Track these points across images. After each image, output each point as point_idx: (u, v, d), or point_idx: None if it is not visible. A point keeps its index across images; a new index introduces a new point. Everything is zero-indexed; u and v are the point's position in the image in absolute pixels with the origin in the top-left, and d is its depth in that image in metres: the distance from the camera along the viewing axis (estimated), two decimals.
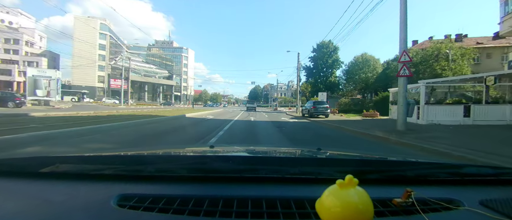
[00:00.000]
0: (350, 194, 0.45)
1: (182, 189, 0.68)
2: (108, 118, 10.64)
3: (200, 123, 11.13)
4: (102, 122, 8.45)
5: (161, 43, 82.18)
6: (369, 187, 0.51)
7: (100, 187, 0.68)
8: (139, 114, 14.33)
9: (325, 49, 33.36)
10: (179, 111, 19.14)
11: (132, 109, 21.47)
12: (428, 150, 4.69)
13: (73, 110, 16.35)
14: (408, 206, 0.58)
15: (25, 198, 0.63)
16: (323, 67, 34.38)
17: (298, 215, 0.55)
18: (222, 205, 0.59)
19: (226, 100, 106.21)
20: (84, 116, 11.93)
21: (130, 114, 13.65)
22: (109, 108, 21.34)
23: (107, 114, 13.33)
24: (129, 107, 28.56)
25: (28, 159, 0.85)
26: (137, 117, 11.59)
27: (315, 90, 33.24)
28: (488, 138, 6.52)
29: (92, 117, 11.13)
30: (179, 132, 7.71)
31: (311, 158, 1.11)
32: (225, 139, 6.14)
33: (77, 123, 7.79)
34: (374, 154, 1.27)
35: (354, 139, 6.85)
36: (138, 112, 16.52)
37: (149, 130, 7.67)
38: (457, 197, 0.65)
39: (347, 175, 0.45)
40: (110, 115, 12.62)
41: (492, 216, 0.56)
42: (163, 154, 1.14)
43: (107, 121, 8.96)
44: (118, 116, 12.01)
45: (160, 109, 24.53)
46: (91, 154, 0.94)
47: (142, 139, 5.83)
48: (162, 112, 16.34)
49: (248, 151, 1.49)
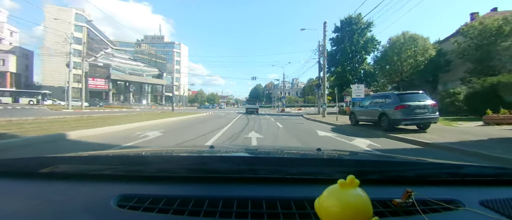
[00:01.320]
0: (349, 194, 0.44)
1: (182, 189, 0.68)
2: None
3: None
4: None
5: (151, 38, 73.23)
6: (369, 187, 0.51)
7: (100, 187, 0.68)
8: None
9: (355, 26, 24.02)
10: (123, 119, 10.17)
11: (54, 116, 12.44)
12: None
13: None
14: (408, 207, 0.57)
15: (24, 198, 0.62)
16: (353, 51, 24.70)
17: (298, 216, 0.55)
18: (222, 206, 0.58)
19: (224, 101, 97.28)
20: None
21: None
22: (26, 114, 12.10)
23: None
24: (77, 111, 19.72)
25: (28, 160, 0.84)
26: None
27: (341, 83, 24.09)
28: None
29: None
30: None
31: (311, 158, 1.11)
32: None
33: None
34: (374, 154, 1.05)
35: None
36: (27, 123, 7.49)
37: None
38: (457, 197, 0.64)
39: (348, 175, 0.45)
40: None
41: (492, 216, 0.56)
42: (163, 154, 1.15)
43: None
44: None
45: (112, 114, 15.53)
46: (90, 155, 0.96)
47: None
48: (66, 125, 7.43)
49: (248, 151, 1.48)
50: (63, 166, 0.80)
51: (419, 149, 5.13)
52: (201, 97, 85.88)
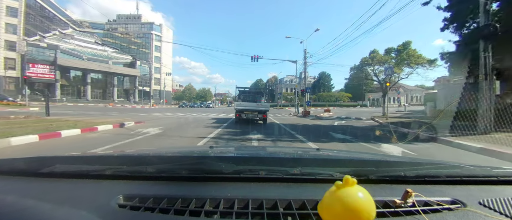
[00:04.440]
0: (351, 195, 0.44)
1: (183, 189, 0.68)
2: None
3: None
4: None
5: (125, 18, 58.06)
6: (369, 187, 0.51)
7: (101, 187, 0.68)
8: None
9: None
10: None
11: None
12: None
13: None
14: (408, 207, 0.58)
15: (26, 198, 0.62)
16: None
17: (298, 216, 0.55)
18: (222, 206, 0.59)
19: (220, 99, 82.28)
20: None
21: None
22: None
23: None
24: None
25: (29, 160, 0.85)
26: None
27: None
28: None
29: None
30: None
31: (311, 158, 1.10)
32: None
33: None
34: (374, 154, 1.17)
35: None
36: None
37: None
38: (457, 197, 0.64)
39: (347, 176, 0.45)
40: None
41: (492, 216, 0.56)
42: (164, 154, 1.14)
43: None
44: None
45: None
46: (91, 155, 0.94)
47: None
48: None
49: (249, 151, 1.49)
50: (65, 166, 0.80)
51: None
52: (190, 94, 70.77)
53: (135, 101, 48.30)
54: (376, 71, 16.76)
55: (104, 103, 40.34)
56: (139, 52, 55.13)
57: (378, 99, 56.31)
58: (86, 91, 43.17)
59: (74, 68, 42.43)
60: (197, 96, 70.89)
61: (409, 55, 15.19)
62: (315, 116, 19.04)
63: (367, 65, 16.63)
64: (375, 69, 16.70)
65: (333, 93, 59.36)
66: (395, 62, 15.06)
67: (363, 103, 53.45)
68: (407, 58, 15.02)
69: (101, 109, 25.06)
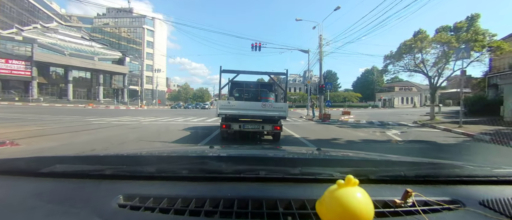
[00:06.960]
0: (350, 194, 0.44)
1: (183, 189, 0.68)
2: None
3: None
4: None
5: (116, 12, 53.54)
6: (369, 187, 0.50)
7: (101, 187, 0.68)
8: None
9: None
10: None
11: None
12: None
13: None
14: (408, 206, 0.58)
15: (26, 198, 0.62)
16: None
17: (298, 216, 0.55)
18: (222, 206, 0.59)
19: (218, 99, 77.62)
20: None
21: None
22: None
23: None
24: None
25: (29, 160, 0.84)
26: None
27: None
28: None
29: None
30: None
31: (311, 158, 1.09)
32: None
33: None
34: (374, 154, 1.25)
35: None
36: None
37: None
38: (457, 197, 0.64)
39: (347, 175, 0.45)
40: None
41: (492, 216, 0.56)
42: (164, 154, 1.14)
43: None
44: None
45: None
46: (91, 155, 0.94)
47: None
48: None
49: (249, 151, 1.46)
50: (65, 166, 0.79)
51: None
52: (186, 94, 66.17)
53: (124, 101, 43.67)
54: (423, 58, 12.16)
55: (87, 103, 35.74)
56: (129, 48, 50.66)
57: (390, 99, 51.66)
58: (68, 90, 38.58)
59: (54, 64, 37.90)
60: (194, 97, 66.24)
61: (477, 34, 10.61)
62: (337, 120, 14.43)
63: (410, 51, 12.05)
64: (425, 53, 12.05)
65: (340, 93, 54.44)
66: (458, 43, 10.53)
67: (375, 104, 48.65)
68: (474, 37, 10.43)
69: (63, 110, 20.38)
